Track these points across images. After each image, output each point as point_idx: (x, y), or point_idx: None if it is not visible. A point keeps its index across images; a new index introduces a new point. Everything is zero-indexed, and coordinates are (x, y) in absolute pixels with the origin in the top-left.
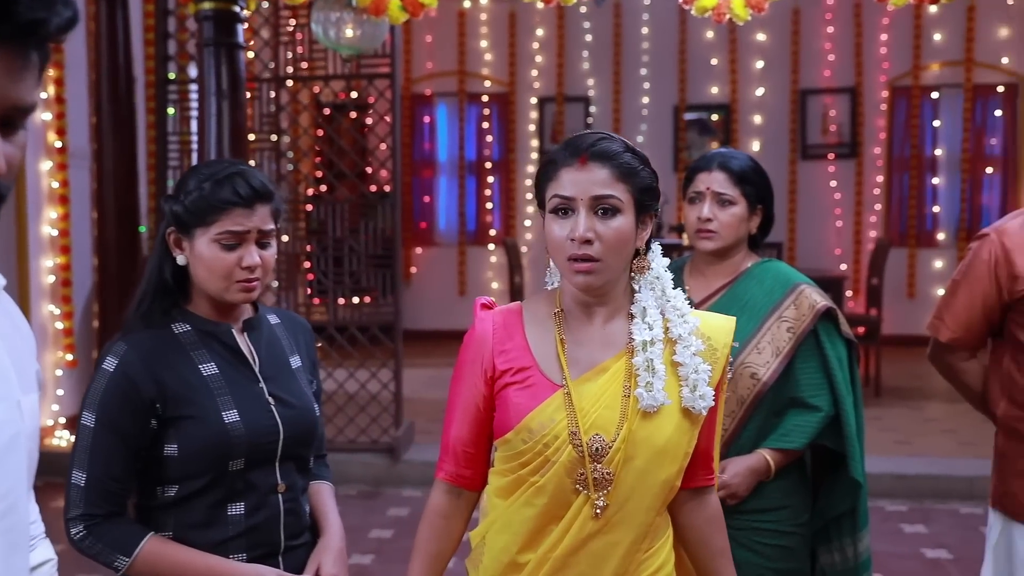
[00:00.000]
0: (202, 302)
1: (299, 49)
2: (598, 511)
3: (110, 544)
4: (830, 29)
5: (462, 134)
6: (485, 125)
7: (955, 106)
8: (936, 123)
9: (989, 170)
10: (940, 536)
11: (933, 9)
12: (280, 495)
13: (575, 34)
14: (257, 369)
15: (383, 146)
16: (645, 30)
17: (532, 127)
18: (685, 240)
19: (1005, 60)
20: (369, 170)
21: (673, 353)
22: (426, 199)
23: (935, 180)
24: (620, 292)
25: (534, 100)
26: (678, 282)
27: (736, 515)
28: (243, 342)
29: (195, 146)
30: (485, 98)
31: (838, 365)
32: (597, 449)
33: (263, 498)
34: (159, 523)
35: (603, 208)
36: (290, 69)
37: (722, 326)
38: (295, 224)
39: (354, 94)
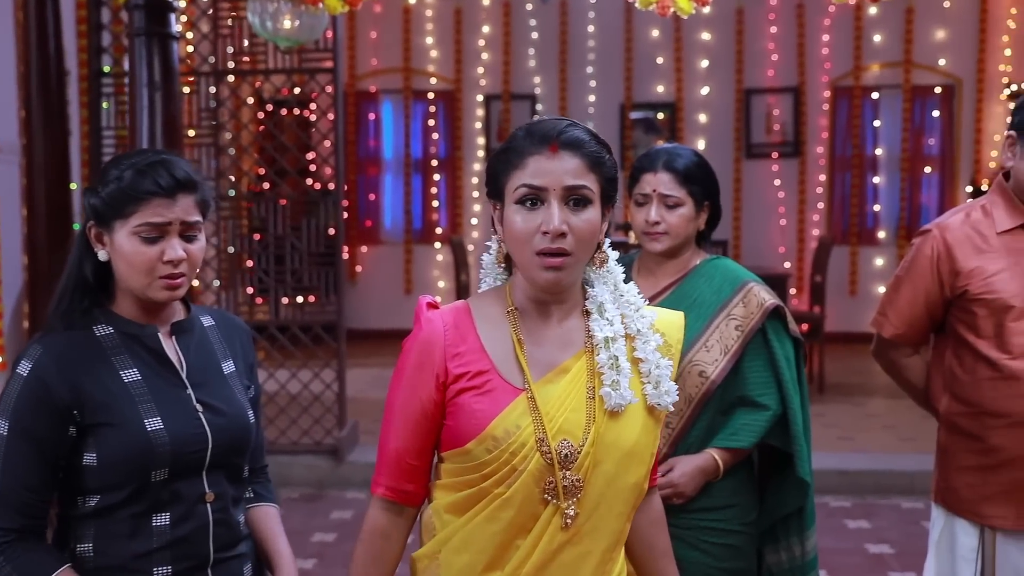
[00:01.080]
0: (126, 302)
1: (243, 43)
2: (568, 521)
3: (19, 570)
4: (773, 29)
5: (408, 131)
6: (431, 122)
7: (894, 106)
8: (876, 123)
9: (927, 169)
10: (883, 531)
11: (873, 11)
12: (208, 505)
13: (521, 32)
14: (184, 375)
15: (327, 143)
16: (591, 28)
17: (478, 125)
18: (631, 238)
19: (942, 62)
20: (313, 167)
21: (633, 349)
22: (371, 197)
23: (876, 179)
24: (576, 288)
25: (480, 98)
26: (628, 276)
27: (683, 514)
28: (170, 346)
29: None
30: (431, 95)
31: (786, 364)
32: (566, 455)
33: (190, 508)
34: (80, 534)
35: (575, 199)
36: (232, 64)
37: (673, 321)
38: (237, 222)
39: (297, 90)
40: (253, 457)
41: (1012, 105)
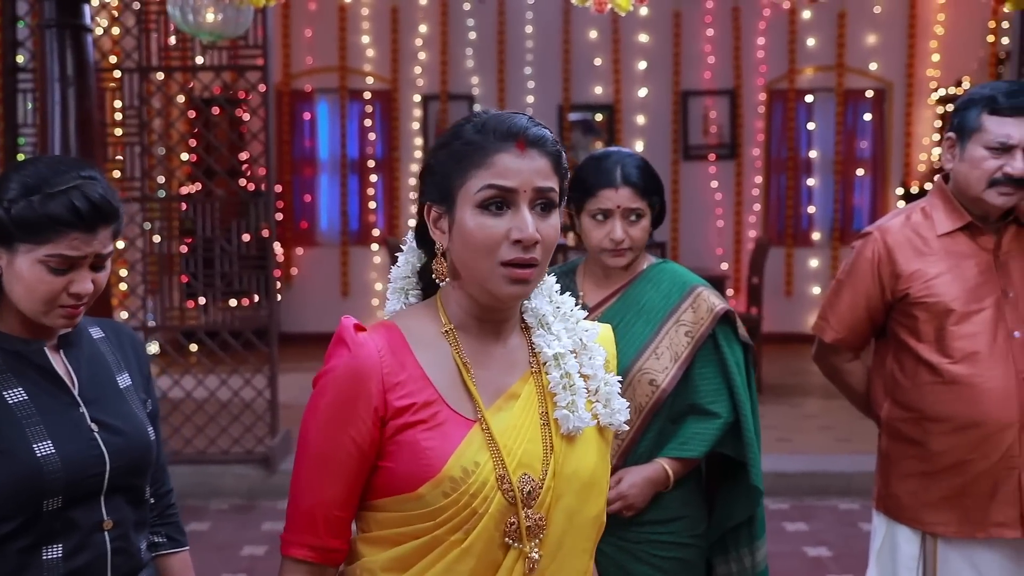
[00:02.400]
0: (11, 317)
1: (170, 38)
2: (533, 565)
3: None
4: (710, 32)
5: (344, 132)
6: (368, 123)
7: (828, 110)
8: (811, 126)
9: (860, 172)
10: (820, 533)
11: (807, 15)
12: (106, 533)
13: (459, 31)
14: (76, 392)
15: (259, 143)
16: (529, 29)
17: (416, 125)
18: (570, 240)
19: (873, 66)
20: (245, 168)
21: (580, 366)
22: (307, 198)
23: (810, 181)
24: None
25: (418, 98)
26: (571, 286)
27: (633, 528)
28: (58, 361)
29: None
30: (367, 95)
31: (736, 370)
32: (529, 492)
33: (85, 538)
34: None
35: (543, 203)
36: (159, 60)
37: (605, 335)
38: (168, 223)
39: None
40: (155, 479)
41: (940, 109)
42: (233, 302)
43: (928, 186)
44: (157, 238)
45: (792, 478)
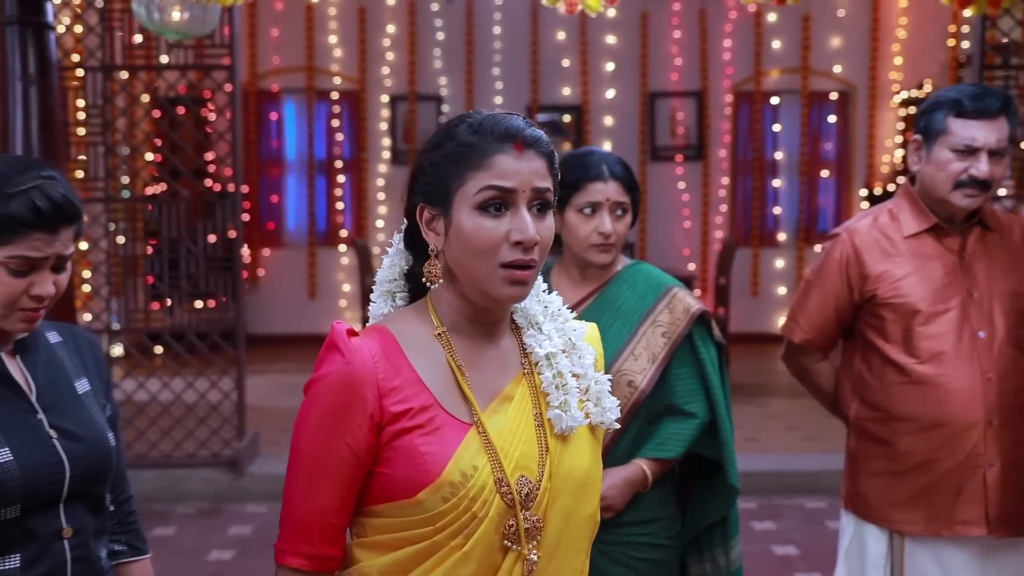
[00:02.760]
0: None
1: (134, 37)
2: (532, 567)
3: None
4: (677, 34)
5: (311, 132)
6: (335, 123)
7: (793, 111)
8: (776, 127)
9: (824, 173)
10: (788, 532)
11: (772, 18)
12: (66, 541)
13: (427, 32)
14: (34, 398)
15: (225, 143)
16: (497, 29)
17: (384, 126)
18: None
19: (837, 69)
20: (211, 168)
21: (571, 365)
22: (274, 199)
23: (776, 182)
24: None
25: (386, 98)
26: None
27: (611, 529)
28: (15, 367)
29: None
30: (335, 95)
31: (712, 370)
32: (527, 494)
33: (44, 547)
34: None
35: (540, 204)
36: (123, 59)
37: (592, 334)
38: (132, 224)
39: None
40: (115, 486)
41: (902, 112)
42: (199, 304)
43: (891, 187)
44: (121, 239)
45: (759, 477)
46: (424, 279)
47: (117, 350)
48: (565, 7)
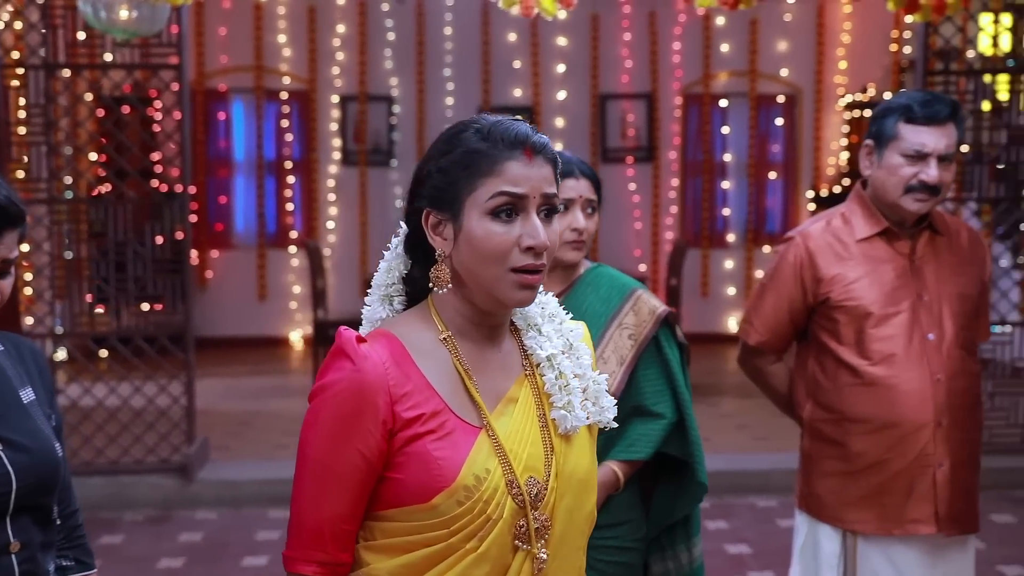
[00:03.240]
0: None
1: (78, 34)
2: (541, 566)
3: None
4: (627, 36)
5: (260, 132)
6: (285, 123)
7: (741, 114)
8: (725, 130)
9: (772, 175)
10: (740, 531)
11: (720, 21)
12: (13, 556)
13: (377, 32)
14: None
15: (172, 143)
16: (448, 30)
17: (334, 126)
18: None
19: (784, 72)
20: (158, 168)
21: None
22: (222, 200)
23: (725, 184)
24: None
25: (336, 98)
26: None
27: None
28: None
29: None
30: (284, 95)
31: (678, 370)
32: (536, 494)
33: None
34: None
35: (548, 209)
36: (66, 57)
37: (585, 334)
38: (76, 226)
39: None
40: (60, 499)
41: (847, 115)
42: (146, 306)
43: (837, 189)
44: (65, 241)
45: (711, 477)
46: (431, 283)
47: (61, 354)
48: (521, 10)
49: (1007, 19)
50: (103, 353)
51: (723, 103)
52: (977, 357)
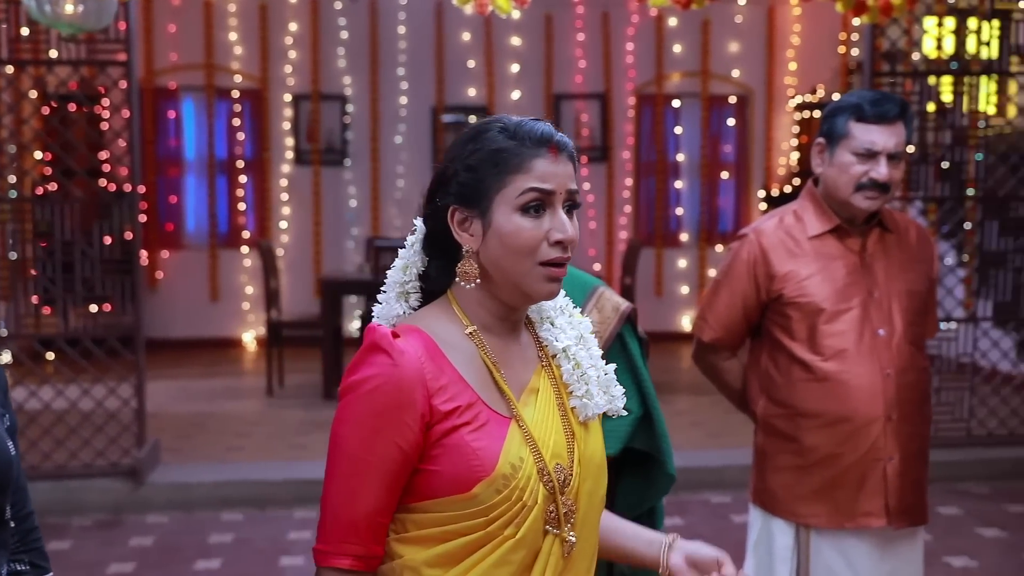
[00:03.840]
0: None
1: (21, 29)
2: (570, 548)
3: None
4: (580, 36)
5: (211, 131)
6: (236, 122)
7: (694, 114)
8: (678, 130)
9: (724, 175)
10: (695, 527)
11: (673, 22)
12: None
13: (330, 31)
14: None
15: (121, 141)
16: (402, 29)
17: (287, 125)
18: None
19: (736, 73)
20: (106, 167)
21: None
22: (173, 199)
23: (678, 184)
24: None
25: (288, 97)
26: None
27: None
28: None
29: None
30: (236, 93)
31: (642, 365)
32: (564, 480)
33: None
34: None
35: (571, 204)
36: (9, 53)
37: (590, 326)
38: (21, 225)
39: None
40: (14, 501)
41: (797, 116)
42: (94, 308)
43: (788, 188)
44: (10, 241)
45: None
46: (457, 279)
47: (6, 357)
48: (476, 7)
49: (950, 23)
50: (50, 356)
51: (676, 103)
52: (926, 352)
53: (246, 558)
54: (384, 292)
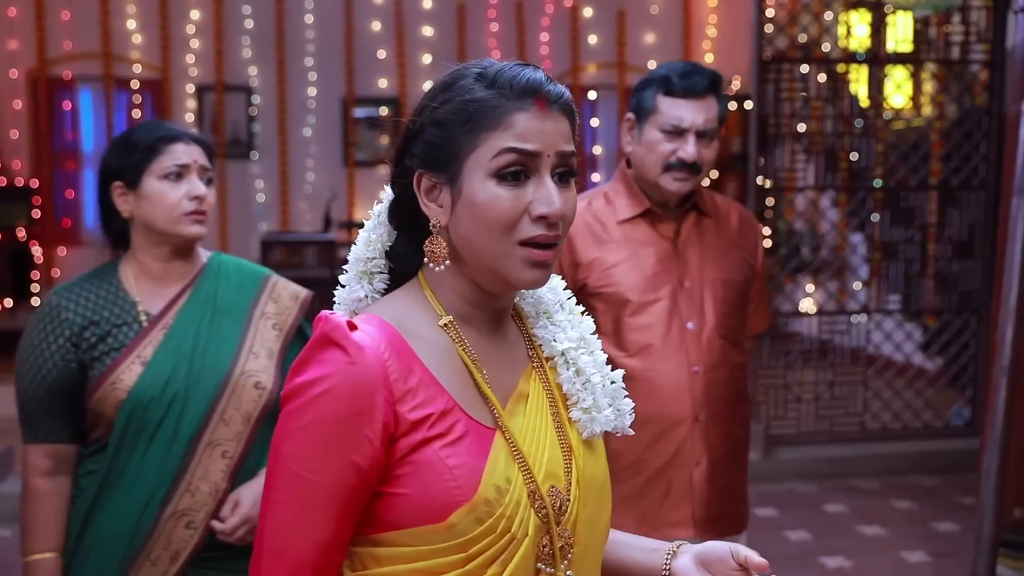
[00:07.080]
0: None
1: None
2: None
3: None
4: (494, 27)
5: (110, 122)
6: (137, 113)
7: (610, 107)
8: (594, 122)
9: None
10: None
11: (588, 13)
12: None
13: (234, 20)
14: None
15: (14, 133)
16: (310, 18)
17: (191, 117)
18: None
19: (652, 64)
20: None
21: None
22: (69, 194)
23: (595, 176)
24: None
25: (191, 88)
26: (116, 292)
27: None
28: None
29: None
30: (136, 84)
31: None
32: (560, 506)
33: None
34: None
35: (563, 171)
36: None
37: (592, 325)
38: None
39: None
40: None
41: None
42: None
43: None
44: None
45: None
46: (426, 259)
47: None
48: None
49: (855, 16)
50: None
51: (592, 95)
52: (743, 348)
53: None
54: (346, 272)
